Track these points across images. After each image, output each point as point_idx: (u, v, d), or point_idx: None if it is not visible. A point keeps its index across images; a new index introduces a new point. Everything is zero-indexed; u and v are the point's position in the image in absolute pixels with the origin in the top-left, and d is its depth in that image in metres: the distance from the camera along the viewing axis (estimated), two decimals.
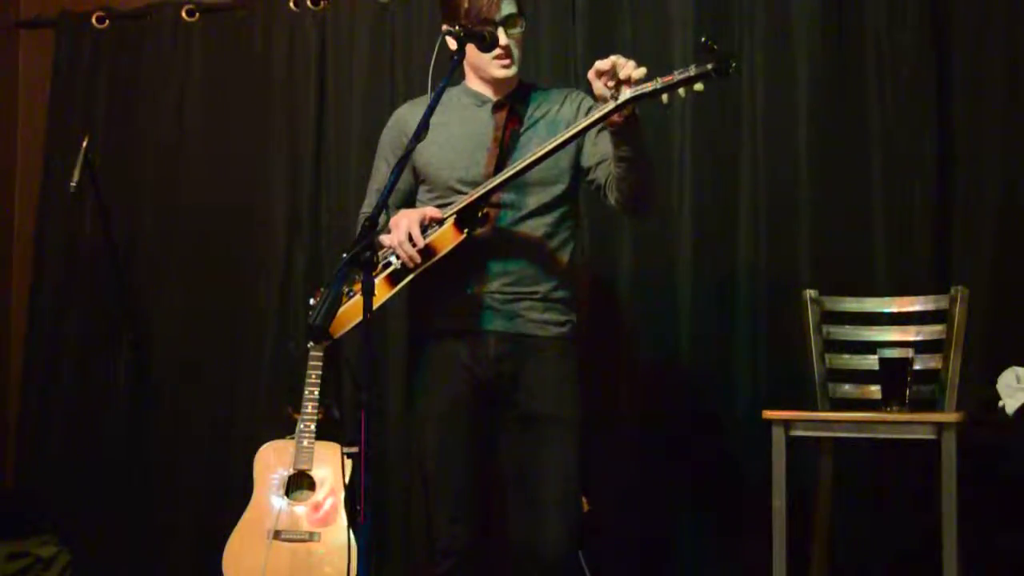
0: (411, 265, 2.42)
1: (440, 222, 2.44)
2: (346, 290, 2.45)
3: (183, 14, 4.24)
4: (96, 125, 4.27)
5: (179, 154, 4.23)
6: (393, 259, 2.46)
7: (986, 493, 3.04)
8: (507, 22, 2.50)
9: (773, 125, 3.51)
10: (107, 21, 4.36)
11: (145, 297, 4.20)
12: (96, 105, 4.34)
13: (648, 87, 2.25)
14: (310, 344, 3.59)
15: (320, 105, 4.08)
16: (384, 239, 2.48)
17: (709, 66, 2.19)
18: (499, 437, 2.57)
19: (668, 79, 2.24)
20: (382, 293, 2.44)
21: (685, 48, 3.59)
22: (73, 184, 3.77)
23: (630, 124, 2.33)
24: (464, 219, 2.45)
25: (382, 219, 2.59)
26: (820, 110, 3.46)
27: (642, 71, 2.27)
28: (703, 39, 2.23)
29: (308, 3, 4.10)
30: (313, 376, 3.56)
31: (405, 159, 2.27)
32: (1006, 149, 3.30)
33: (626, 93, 2.26)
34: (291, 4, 4.12)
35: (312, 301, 3.55)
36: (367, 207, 2.71)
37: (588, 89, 2.39)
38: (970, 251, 3.32)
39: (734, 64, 2.21)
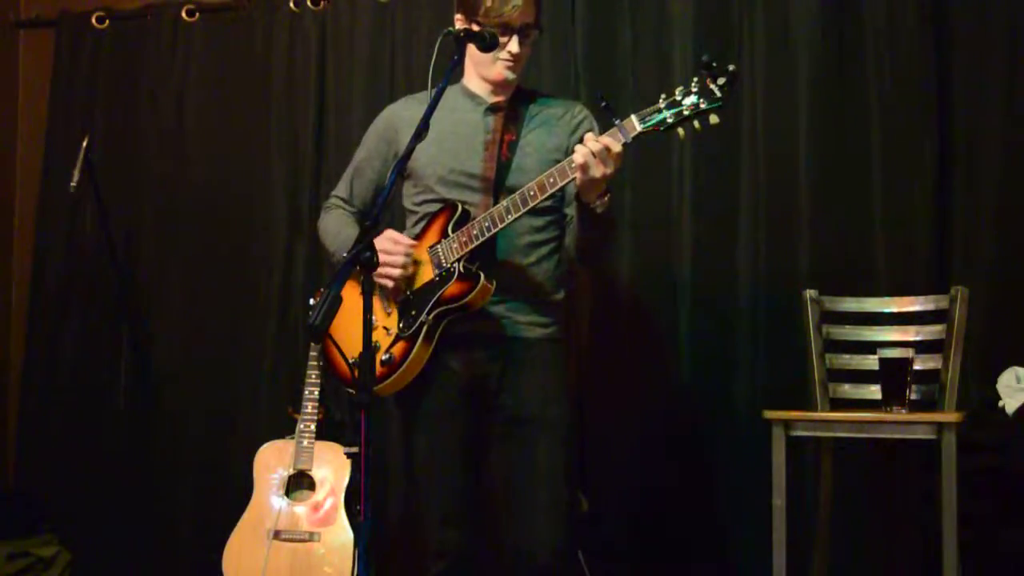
0: (397, 273, 2.45)
1: (448, 273, 2.44)
2: (386, 356, 2.47)
3: (183, 14, 4.24)
4: (96, 125, 4.27)
5: (179, 154, 4.23)
6: (424, 316, 2.45)
7: (986, 493, 3.04)
8: (523, 31, 2.49)
9: (773, 126, 3.51)
10: (107, 21, 4.35)
11: (145, 297, 4.20)
12: (96, 105, 4.34)
13: (658, 114, 2.27)
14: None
15: (320, 105, 4.08)
16: (382, 279, 2.47)
17: (718, 92, 2.22)
18: (488, 439, 2.57)
19: (680, 111, 2.26)
20: (422, 354, 2.46)
21: (685, 49, 3.58)
22: (73, 184, 3.78)
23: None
24: (474, 261, 2.45)
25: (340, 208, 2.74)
26: (820, 111, 3.46)
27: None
28: (704, 57, 2.25)
29: (308, 3, 4.10)
30: (313, 376, 3.56)
31: (405, 160, 2.28)
32: (1006, 149, 3.30)
33: (636, 128, 2.28)
34: (291, 4, 4.12)
35: (312, 301, 3.56)
36: (340, 191, 2.75)
37: (588, 102, 2.38)
38: (970, 251, 3.32)
39: (732, 72, 2.22)
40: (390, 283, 2.49)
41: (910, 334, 3.08)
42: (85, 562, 4.01)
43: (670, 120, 2.26)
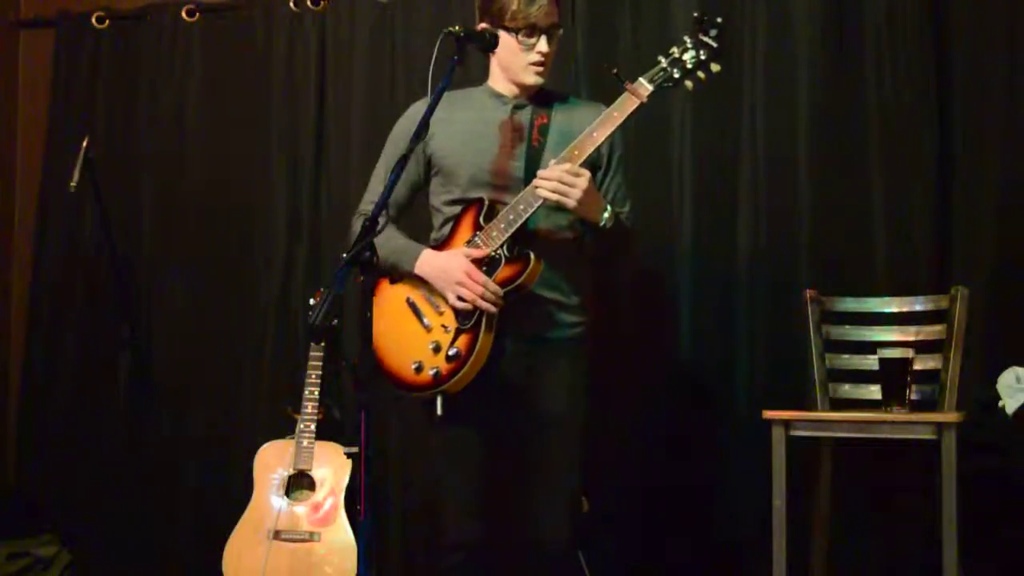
0: (496, 308, 2.46)
1: (494, 260, 2.48)
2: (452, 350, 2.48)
3: (183, 14, 4.24)
4: (96, 125, 4.27)
5: (179, 154, 4.23)
6: (485, 305, 2.47)
7: (986, 493, 3.04)
8: (550, 31, 2.56)
9: (773, 125, 3.51)
10: (107, 21, 4.35)
11: (145, 297, 4.20)
12: (96, 105, 4.34)
13: (665, 73, 2.43)
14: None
15: (320, 105, 4.08)
16: (453, 301, 2.48)
17: (713, 42, 2.39)
18: (510, 435, 2.60)
19: (682, 65, 2.42)
20: (487, 342, 2.48)
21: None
22: (73, 184, 3.78)
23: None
24: (516, 244, 2.49)
25: (382, 219, 2.63)
26: (820, 110, 3.46)
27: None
28: (696, 14, 2.45)
29: (308, 3, 4.10)
30: (313, 376, 3.56)
31: (405, 160, 2.29)
32: (1006, 149, 3.30)
33: (648, 87, 2.41)
34: (291, 4, 4.12)
35: (312, 301, 3.56)
36: (372, 195, 2.72)
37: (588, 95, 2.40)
38: (970, 251, 3.32)
39: (721, 24, 2.41)
40: (467, 306, 2.47)
41: (910, 334, 3.08)
42: (85, 562, 4.01)
43: (676, 75, 2.43)
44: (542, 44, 2.54)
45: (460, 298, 2.46)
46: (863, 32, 3.45)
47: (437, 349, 2.49)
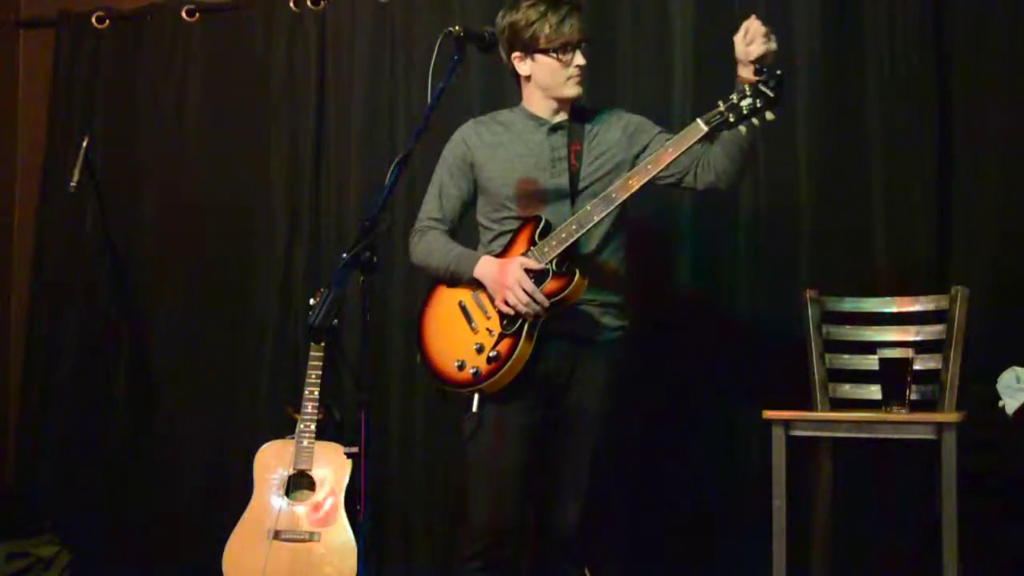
0: (541, 317, 2.60)
1: (543, 273, 2.60)
2: (494, 353, 2.62)
3: (183, 14, 4.24)
4: (96, 125, 4.27)
5: (179, 154, 4.23)
6: (527, 311, 2.60)
7: (986, 493, 3.04)
8: (582, 45, 2.73)
9: (773, 125, 3.49)
10: (107, 21, 4.36)
11: (145, 297, 4.20)
12: (96, 105, 4.34)
13: (721, 116, 2.52)
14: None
15: (320, 105, 4.08)
16: (499, 303, 2.62)
17: (771, 92, 2.47)
18: (544, 427, 2.75)
19: (739, 111, 2.51)
20: (526, 349, 2.62)
21: (684, 49, 3.58)
22: (73, 184, 3.78)
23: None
24: (565, 260, 2.63)
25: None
26: (820, 110, 3.46)
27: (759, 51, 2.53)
28: (757, 65, 2.53)
29: (308, 3, 4.10)
30: (313, 376, 3.56)
31: (405, 160, 2.37)
32: (1006, 149, 3.30)
33: (703, 128, 2.54)
34: (291, 4, 4.12)
35: (312, 301, 3.57)
36: (431, 212, 2.83)
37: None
38: (970, 251, 3.32)
39: (780, 76, 2.49)
40: (510, 311, 2.62)
41: (910, 334, 3.08)
42: (85, 562, 4.01)
43: (731, 119, 2.52)
44: (578, 58, 2.72)
45: (506, 302, 2.60)
46: (863, 32, 3.45)
47: (480, 350, 2.64)
